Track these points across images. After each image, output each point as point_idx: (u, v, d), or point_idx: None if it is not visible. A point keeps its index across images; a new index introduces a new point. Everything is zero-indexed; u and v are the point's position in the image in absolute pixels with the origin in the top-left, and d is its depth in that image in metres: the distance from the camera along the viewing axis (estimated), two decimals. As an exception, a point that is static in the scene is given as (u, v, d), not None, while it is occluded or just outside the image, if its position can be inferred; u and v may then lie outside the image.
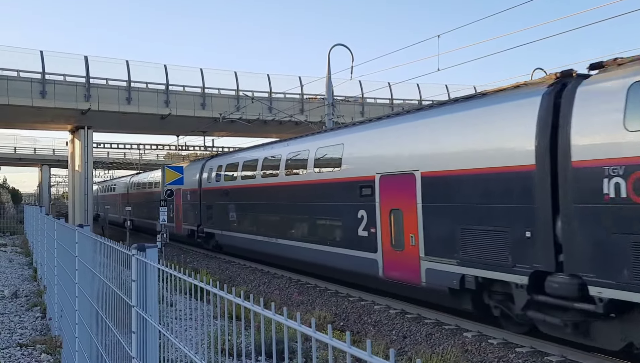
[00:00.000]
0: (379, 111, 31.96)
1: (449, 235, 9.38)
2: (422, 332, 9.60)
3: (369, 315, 11.00)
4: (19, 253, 22.31)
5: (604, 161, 6.91)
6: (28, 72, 26.84)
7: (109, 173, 70.19)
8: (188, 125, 32.28)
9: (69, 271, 6.23)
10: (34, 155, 59.37)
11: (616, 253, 6.77)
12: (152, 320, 2.90)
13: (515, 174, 8.20)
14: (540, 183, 7.81)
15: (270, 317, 1.42)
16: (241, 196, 18.71)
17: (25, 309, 10.85)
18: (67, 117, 29.89)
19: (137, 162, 54.17)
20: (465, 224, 9.07)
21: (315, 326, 1.27)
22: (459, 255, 9.14)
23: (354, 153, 12.50)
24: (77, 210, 31.94)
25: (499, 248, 8.42)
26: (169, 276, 2.67)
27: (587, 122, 7.24)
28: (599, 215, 6.97)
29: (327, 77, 23.24)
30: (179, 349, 2.59)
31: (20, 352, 7.75)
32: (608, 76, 7.30)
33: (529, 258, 7.92)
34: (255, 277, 16.40)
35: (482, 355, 8.26)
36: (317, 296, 13.10)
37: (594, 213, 7.04)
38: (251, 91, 30.23)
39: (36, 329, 9.22)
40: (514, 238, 8.16)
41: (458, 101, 10.33)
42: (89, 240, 4.98)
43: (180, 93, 30.11)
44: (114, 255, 3.84)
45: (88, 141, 31.78)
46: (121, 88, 28.65)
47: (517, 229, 8.11)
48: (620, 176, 6.70)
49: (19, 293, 12.44)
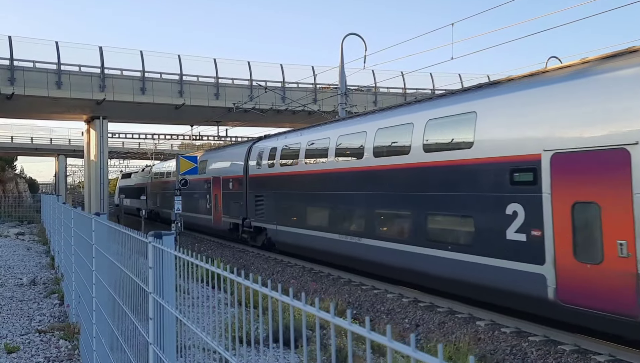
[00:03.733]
0: (392, 100, 31.83)
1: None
2: (435, 320, 9.61)
3: (382, 304, 11.03)
4: (37, 241, 22.65)
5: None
6: (44, 63, 27.08)
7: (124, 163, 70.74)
8: (202, 115, 32.40)
9: (86, 258, 6.32)
10: (50, 145, 60.01)
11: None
12: (169, 307, 2.94)
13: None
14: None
15: (288, 303, 1.43)
16: (305, 185, 15.40)
17: (44, 296, 11.04)
18: (83, 108, 30.16)
19: (151, 152, 54.53)
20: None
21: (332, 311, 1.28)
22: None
23: (499, 123, 9.05)
24: (93, 199, 32.30)
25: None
26: (183, 264, 2.70)
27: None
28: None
29: (340, 67, 23.16)
30: (195, 336, 2.63)
31: (39, 338, 7.90)
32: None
33: None
34: (269, 266, 16.50)
35: (495, 343, 8.26)
36: (330, 285, 13.15)
37: None
38: (264, 81, 30.23)
39: (54, 316, 9.38)
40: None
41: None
42: (106, 228, 5.04)
43: (194, 83, 30.20)
44: (130, 243, 3.88)
45: (103, 131, 32.05)
46: (135, 78, 28.81)
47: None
48: None
49: (37, 280, 12.65)
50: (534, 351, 7.77)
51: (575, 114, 7.70)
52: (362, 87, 31.25)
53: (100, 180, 31.92)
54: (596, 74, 7.64)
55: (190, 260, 2.52)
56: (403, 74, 34.13)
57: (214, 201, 22.81)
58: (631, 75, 7.17)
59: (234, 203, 20.82)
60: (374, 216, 12.19)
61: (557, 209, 7.80)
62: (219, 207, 22.37)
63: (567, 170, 7.75)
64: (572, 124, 7.70)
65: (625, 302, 6.85)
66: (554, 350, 7.69)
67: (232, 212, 21.01)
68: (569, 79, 8.05)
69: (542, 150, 8.03)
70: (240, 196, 20.11)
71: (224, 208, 21.85)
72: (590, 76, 7.70)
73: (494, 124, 9.13)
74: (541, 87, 8.45)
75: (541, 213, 7.98)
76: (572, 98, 7.80)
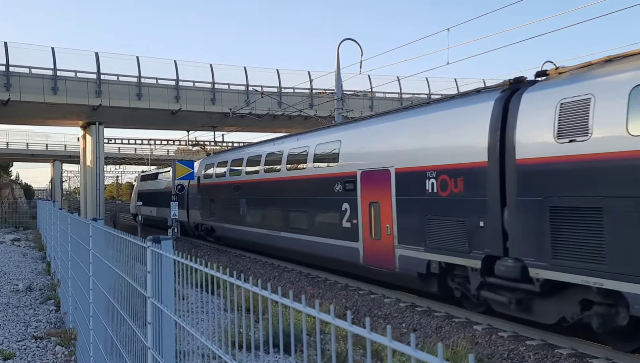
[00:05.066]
0: (388, 105, 31.91)
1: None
2: (432, 325, 9.62)
3: (379, 308, 11.04)
4: (33, 247, 22.57)
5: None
6: (40, 69, 27.06)
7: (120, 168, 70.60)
8: (198, 120, 32.39)
9: (83, 264, 6.31)
10: (46, 151, 59.89)
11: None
12: (168, 311, 2.94)
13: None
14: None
15: (288, 305, 1.44)
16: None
17: (40, 302, 11.00)
18: (79, 113, 30.12)
19: (147, 157, 54.49)
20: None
21: (331, 313, 1.30)
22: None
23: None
24: (89, 205, 32.22)
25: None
26: (181, 269, 2.71)
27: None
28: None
29: (337, 72, 23.21)
30: (192, 341, 2.63)
31: (36, 344, 7.86)
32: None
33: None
34: (265, 271, 16.49)
35: (493, 347, 8.27)
36: (328, 290, 13.15)
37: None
38: (261, 86, 30.26)
39: (50, 322, 9.35)
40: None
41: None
42: (103, 233, 5.04)
43: (191, 89, 30.22)
44: (128, 248, 3.89)
45: (99, 137, 32.01)
46: (132, 84, 28.81)
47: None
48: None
49: (33, 286, 12.60)
50: (531, 355, 7.79)
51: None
52: (358, 92, 31.33)
53: (97, 186, 31.85)
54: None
55: (189, 264, 2.53)
56: (399, 79, 34.24)
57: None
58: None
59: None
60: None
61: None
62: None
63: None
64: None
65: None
66: (551, 354, 7.70)
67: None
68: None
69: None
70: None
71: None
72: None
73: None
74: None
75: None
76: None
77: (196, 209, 24.91)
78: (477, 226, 9.03)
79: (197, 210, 24.71)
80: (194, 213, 25.14)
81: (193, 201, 25.18)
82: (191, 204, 25.53)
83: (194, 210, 25.30)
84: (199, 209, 24.35)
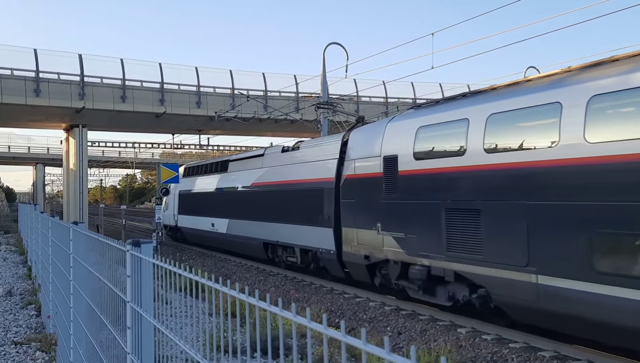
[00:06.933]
0: (374, 109, 31.98)
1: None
2: (417, 328, 9.64)
3: (364, 312, 11.04)
4: (13, 251, 22.22)
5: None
6: (22, 71, 26.72)
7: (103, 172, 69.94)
8: (183, 123, 32.22)
9: (64, 268, 6.22)
10: (28, 154, 59.17)
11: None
12: (147, 315, 2.91)
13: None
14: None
15: (265, 308, 1.43)
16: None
17: (20, 307, 10.82)
18: (62, 116, 29.79)
19: (132, 160, 54.03)
20: None
21: (310, 317, 1.29)
22: None
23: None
24: (72, 208, 31.85)
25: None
26: (164, 273, 2.67)
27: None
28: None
29: (322, 76, 23.24)
30: (175, 346, 2.60)
31: (15, 350, 7.73)
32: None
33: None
34: (251, 275, 16.42)
35: (476, 350, 8.30)
36: (313, 294, 13.13)
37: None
38: (246, 90, 30.18)
39: (31, 327, 9.20)
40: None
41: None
42: (84, 237, 4.98)
43: (176, 91, 30.05)
44: (109, 252, 3.84)
45: (83, 140, 31.68)
46: (116, 86, 28.57)
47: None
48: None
49: (14, 291, 12.39)
50: (514, 357, 7.83)
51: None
52: (344, 96, 31.38)
53: (80, 189, 31.49)
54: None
55: (168, 268, 2.50)
56: (385, 83, 34.36)
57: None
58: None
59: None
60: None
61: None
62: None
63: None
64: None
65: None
66: (534, 357, 7.75)
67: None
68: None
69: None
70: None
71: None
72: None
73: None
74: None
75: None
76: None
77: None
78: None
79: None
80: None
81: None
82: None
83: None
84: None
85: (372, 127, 12.80)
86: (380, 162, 11.19)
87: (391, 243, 10.76)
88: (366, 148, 11.96)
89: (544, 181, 7.64)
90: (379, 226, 11.07)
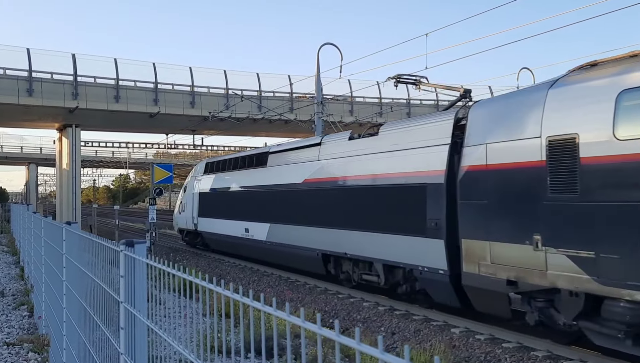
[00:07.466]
0: (368, 110, 32.02)
1: None
2: (411, 328, 9.66)
3: (358, 312, 11.05)
4: (6, 252, 22.09)
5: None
6: (14, 70, 26.57)
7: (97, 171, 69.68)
8: (177, 123, 32.13)
9: (57, 269, 6.20)
10: (21, 154, 58.78)
11: None
12: (141, 316, 2.90)
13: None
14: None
15: (259, 308, 1.43)
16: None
17: (12, 308, 10.76)
18: (55, 116, 29.64)
19: (125, 161, 53.85)
20: None
21: (304, 317, 1.29)
22: None
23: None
24: (65, 209, 31.70)
25: None
26: (157, 273, 2.67)
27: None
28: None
29: (317, 76, 23.25)
30: (168, 346, 2.60)
31: (7, 350, 7.68)
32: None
33: None
34: (245, 275, 16.40)
35: (470, 350, 8.33)
36: (307, 294, 13.13)
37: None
38: (240, 90, 30.13)
39: (23, 328, 9.15)
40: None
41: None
42: (77, 237, 4.96)
43: (169, 91, 29.96)
44: (102, 252, 3.82)
45: (76, 140, 31.52)
46: (109, 86, 28.45)
47: None
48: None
49: (6, 292, 12.32)
50: (507, 357, 7.87)
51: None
52: (338, 96, 31.39)
53: (73, 189, 31.34)
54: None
55: (162, 269, 2.50)
56: (379, 83, 34.40)
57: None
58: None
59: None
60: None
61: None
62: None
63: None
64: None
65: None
66: (527, 357, 7.79)
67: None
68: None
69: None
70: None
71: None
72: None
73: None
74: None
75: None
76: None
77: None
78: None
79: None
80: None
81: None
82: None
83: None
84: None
85: (513, 97, 9.29)
86: (540, 145, 7.93)
87: (565, 265, 7.43)
88: (507, 127, 8.70)
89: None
90: (537, 239, 7.83)
